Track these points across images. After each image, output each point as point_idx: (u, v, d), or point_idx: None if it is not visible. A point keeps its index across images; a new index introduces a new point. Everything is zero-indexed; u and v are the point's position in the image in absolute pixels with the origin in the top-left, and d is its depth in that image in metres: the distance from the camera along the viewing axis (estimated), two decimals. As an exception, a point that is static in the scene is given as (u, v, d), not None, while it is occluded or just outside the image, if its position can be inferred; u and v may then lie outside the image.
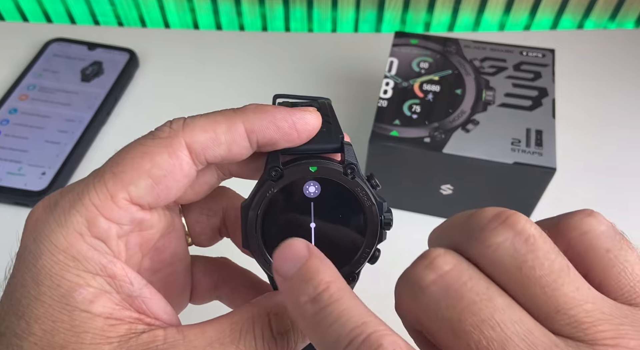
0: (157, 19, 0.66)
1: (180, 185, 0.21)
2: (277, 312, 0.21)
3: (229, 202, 0.26)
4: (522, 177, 0.42)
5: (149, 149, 0.20)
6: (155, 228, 0.23)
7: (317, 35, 0.65)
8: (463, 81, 0.46)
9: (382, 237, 0.23)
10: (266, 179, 0.22)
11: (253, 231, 0.22)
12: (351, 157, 0.22)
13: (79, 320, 0.19)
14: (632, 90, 0.59)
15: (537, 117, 0.44)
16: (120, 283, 0.20)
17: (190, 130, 0.21)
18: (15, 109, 0.53)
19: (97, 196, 0.20)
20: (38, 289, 0.19)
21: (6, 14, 0.65)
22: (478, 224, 0.17)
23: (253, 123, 0.21)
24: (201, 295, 0.27)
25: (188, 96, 0.57)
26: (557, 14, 0.65)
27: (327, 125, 0.23)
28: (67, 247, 0.19)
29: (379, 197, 0.22)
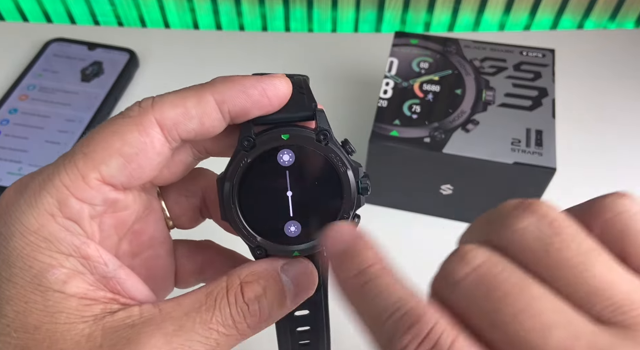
0: (157, 19, 0.66)
1: (153, 164, 0.21)
2: (248, 280, 0.21)
3: (208, 182, 0.26)
4: (522, 177, 0.42)
5: (119, 128, 0.20)
6: (130, 209, 0.22)
7: (317, 35, 0.65)
8: (463, 81, 0.46)
9: (360, 203, 0.22)
10: (239, 149, 0.22)
11: (230, 202, 0.22)
12: (324, 123, 0.22)
13: (52, 300, 0.19)
14: (632, 90, 0.59)
15: (537, 117, 0.44)
16: (94, 264, 0.20)
17: (160, 106, 0.21)
18: (15, 109, 0.53)
19: (68, 176, 0.20)
20: (10, 270, 0.19)
21: (6, 14, 0.65)
22: (502, 214, 0.17)
23: (223, 93, 0.21)
24: (186, 278, 0.27)
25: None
26: (557, 14, 0.65)
27: (300, 95, 0.22)
28: (39, 228, 0.19)
29: (355, 162, 0.22)
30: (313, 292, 0.23)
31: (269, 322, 0.21)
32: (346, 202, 0.22)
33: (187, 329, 0.19)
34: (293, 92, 0.22)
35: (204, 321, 0.20)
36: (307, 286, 0.23)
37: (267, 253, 0.22)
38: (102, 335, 0.19)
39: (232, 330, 0.20)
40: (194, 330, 0.19)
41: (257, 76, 0.22)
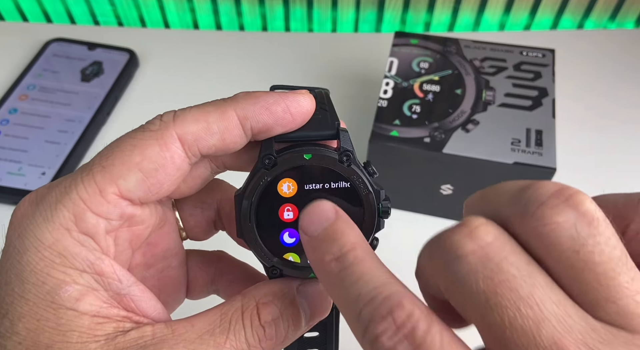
0: (157, 19, 0.66)
1: (172, 179, 0.20)
2: (265, 302, 0.21)
3: (223, 194, 0.26)
4: (522, 177, 0.41)
5: (139, 142, 0.20)
6: (146, 223, 0.22)
7: (317, 35, 0.65)
8: (463, 81, 0.46)
9: (379, 226, 0.22)
10: (260, 167, 0.21)
11: (247, 220, 0.21)
12: (347, 144, 0.21)
13: (64, 318, 0.18)
14: (632, 90, 0.59)
15: (537, 117, 0.44)
16: (108, 280, 0.19)
17: (181, 121, 0.20)
18: (15, 109, 0.53)
19: (85, 190, 0.19)
20: (22, 286, 0.18)
21: (6, 14, 0.65)
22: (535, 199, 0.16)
23: (245, 109, 0.20)
24: (198, 290, 0.27)
25: (188, 96, 0.57)
26: (557, 14, 0.65)
27: (322, 112, 0.22)
28: (53, 243, 0.19)
29: (376, 184, 0.22)
30: (327, 314, 0.23)
31: (282, 346, 0.21)
32: (366, 225, 0.22)
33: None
34: (315, 108, 0.22)
35: (218, 345, 0.19)
36: (322, 308, 0.22)
37: (282, 273, 0.22)
38: None
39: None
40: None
41: (280, 92, 0.21)
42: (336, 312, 0.24)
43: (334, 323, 0.24)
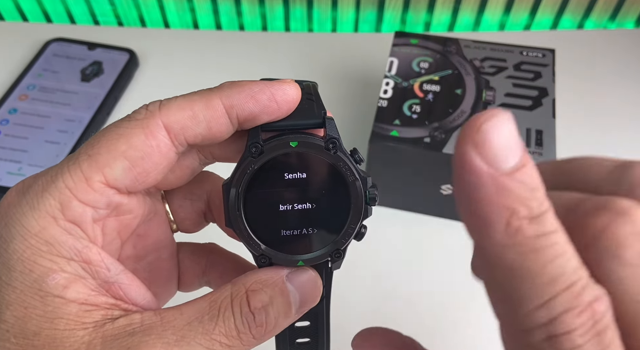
0: (157, 19, 0.66)
1: (159, 168, 0.21)
2: (254, 288, 0.21)
3: (213, 186, 0.26)
4: (522, 177, 0.42)
5: (125, 131, 0.20)
6: (134, 213, 0.22)
7: (317, 35, 0.65)
8: (463, 81, 0.46)
9: (367, 213, 0.22)
10: (247, 155, 0.21)
11: (235, 209, 0.21)
12: (333, 131, 0.21)
13: (52, 306, 0.18)
14: (632, 90, 0.59)
15: (537, 117, 0.44)
16: (95, 268, 0.19)
17: (167, 110, 0.20)
18: (15, 109, 0.53)
19: (71, 179, 0.19)
20: (9, 274, 0.18)
21: (6, 14, 0.65)
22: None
23: (231, 98, 0.21)
24: (189, 282, 0.27)
25: (188, 96, 0.57)
26: (557, 14, 0.65)
27: (309, 102, 0.22)
28: (40, 231, 0.19)
29: (363, 172, 0.22)
30: (317, 302, 0.23)
31: (272, 333, 0.21)
32: (354, 212, 0.22)
33: (188, 339, 0.19)
34: (302, 99, 0.22)
35: (207, 331, 0.19)
36: (312, 296, 0.22)
37: (271, 262, 0.22)
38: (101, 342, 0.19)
39: (235, 341, 0.20)
40: (195, 341, 0.19)
41: (266, 81, 0.21)
42: (327, 301, 0.24)
43: (324, 312, 0.24)
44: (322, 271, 0.23)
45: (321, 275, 0.23)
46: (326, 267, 0.23)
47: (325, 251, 0.22)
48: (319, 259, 0.22)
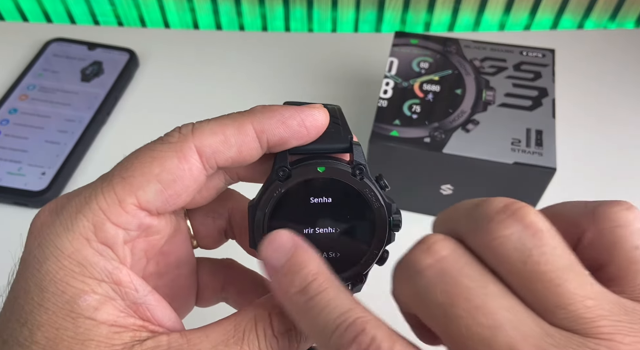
0: (157, 19, 0.66)
1: (189, 191, 0.21)
2: (278, 311, 0.21)
3: (234, 204, 0.26)
4: (522, 177, 0.42)
5: (159, 154, 0.20)
6: (161, 233, 0.22)
7: (317, 35, 0.65)
8: (463, 81, 0.46)
9: (390, 239, 0.22)
10: (274, 179, 0.22)
11: (260, 231, 0.22)
12: (360, 157, 0.22)
13: (83, 327, 0.19)
14: (632, 91, 0.59)
15: (537, 117, 0.44)
16: (125, 290, 0.20)
17: (200, 134, 0.20)
18: (15, 109, 0.53)
19: (105, 201, 0.19)
20: (42, 295, 0.19)
21: (6, 14, 0.65)
22: (485, 215, 0.17)
23: (262, 123, 0.21)
24: (207, 297, 0.27)
25: (188, 96, 0.57)
26: (557, 14, 0.65)
27: (335, 126, 0.22)
28: (73, 252, 0.19)
29: (388, 198, 0.22)
30: None
31: None
32: (377, 238, 0.22)
33: None
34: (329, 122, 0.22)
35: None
36: None
37: None
38: None
39: None
40: None
41: (296, 107, 0.22)
42: None
43: None
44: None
45: None
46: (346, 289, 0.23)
47: (347, 275, 0.22)
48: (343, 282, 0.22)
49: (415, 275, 0.17)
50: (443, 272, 0.16)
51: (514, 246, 0.16)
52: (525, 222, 0.16)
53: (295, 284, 0.18)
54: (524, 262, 0.16)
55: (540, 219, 0.17)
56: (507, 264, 0.16)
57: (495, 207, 0.17)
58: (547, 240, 0.16)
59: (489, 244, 0.17)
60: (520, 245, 0.16)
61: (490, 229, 0.17)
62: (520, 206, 0.17)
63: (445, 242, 0.17)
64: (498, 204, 0.17)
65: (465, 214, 0.18)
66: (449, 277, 0.16)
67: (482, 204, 0.18)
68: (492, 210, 0.17)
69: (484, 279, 0.16)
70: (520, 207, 0.17)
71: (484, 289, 0.16)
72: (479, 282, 0.16)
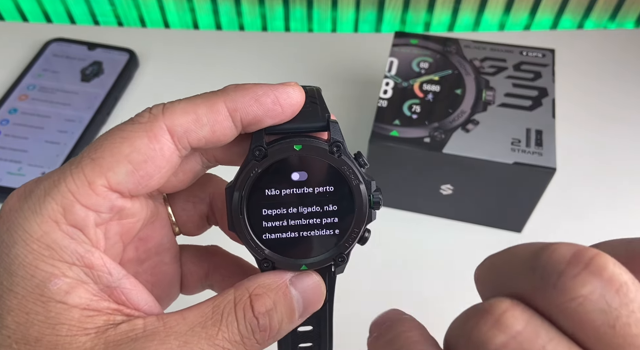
0: (157, 19, 0.66)
1: (162, 172, 0.20)
2: (258, 293, 0.20)
3: (215, 188, 0.25)
4: (522, 177, 0.42)
5: (128, 134, 0.20)
6: (136, 217, 0.22)
7: (317, 35, 0.65)
8: (463, 81, 0.46)
9: (371, 217, 0.22)
10: (250, 159, 0.21)
11: (238, 213, 0.21)
12: (337, 135, 0.21)
13: (54, 311, 0.18)
14: (632, 90, 0.59)
15: (537, 117, 0.44)
16: (98, 273, 0.19)
17: (171, 113, 0.20)
18: (15, 109, 0.53)
19: (74, 182, 0.19)
20: (11, 279, 0.18)
21: (6, 14, 0.65)
22: (552, 268, 0.14)
23: (235, 101, 0.20)
24: (192, 285, 0.27)
25: (188, 96, 0.57)
26: (557, 14, 0.65)
27: (313, 105, 0.22)
28: (42, 236, 0.19)
29: (367, 175, 0.22)
30: (321, 306, 0.22)
31: (276, 338, 0.21)
32: (357, 216, 0.22)
33: (191, 345, 0.19)
34: (306, 102, 0.22)
35: (210, 337, 0.19)
36: (315, 301, 0.22)
37: (275, 266, 0.22)
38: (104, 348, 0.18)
39: (239, 346, 0.19)
40: (198, 347, 0.19)
41: (270, 84, 0.21)
42: (329, 305, 0.24)
43: (327, 317, 0.24)
44: (326, 275, 0.23)
45: (324, 279, 0.23)
46: (329, 272, 0.23)
47: (328, 255, 0.22)
48: (322, 263, 0.22)
49: None
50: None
51: (597, 307, 0.14)
52: (605, 275, 0.14)
53: (386, 336, 0.18)
54: (612, 326, 0.14)
55: (620, 268, 0.14)
56: (591, 329, 0.14)
57: (564, 257, 0.14)
58: (634, 295, 0.14)
59: (563, 306, 0.14)
60: (606, 306, 0.14)
61: (564, 288, 0.14)
62: (594, 254, 0.14)
63: (517, 311, 0.15)
64: (565, 252, 0.15)
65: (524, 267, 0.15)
66: None
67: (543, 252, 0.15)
68: (560, 262, 0.14)
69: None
70: (594, 256, 0.14)
71: None
72: None
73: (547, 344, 0.14)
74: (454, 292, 0.42)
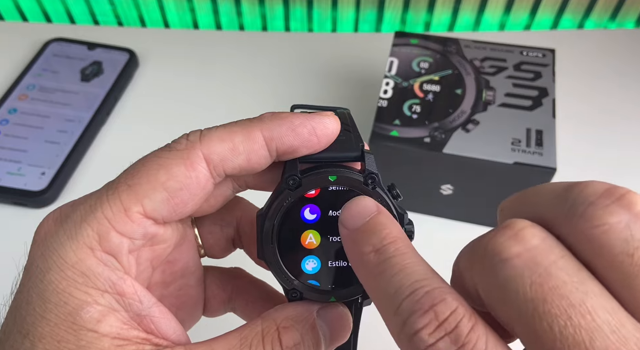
0: (157, 19, 0.66)
1: (196, 199, 0.20)
2: (286, 326, 0.20)
3: (243, 212, 0.25)
4: (522, 177, 0.42)
5: (166, 161, 0.20)
6: (167, 242, 0.22)
7: (317, 35, 0.65)
8: (463, 81, 0.46)
9: None
10: (284, 187, 0.21)
11: (269, 241, 0.21)
12: (372, 166, 0.21)
13: (85, 340, 0.18)
14: (632, 90, 0.59)
15: (537, 117, 0.43)
16: (129, 301, 0.19)
17: (208, 141, 0.20)
18: (14, 109, 0.53)
19: (111, 209, 0.19)
20: (44, 306, 0.18)
21: (6, 14, 0.65)
22: (584, 199, 0.15)
23: (271, 130, 0.20)
24: (215, 307, 0.26)
25: (188, 96, 0.57)
26: (557, 14, 0.65)
27: (346, 133, 0.22)
28: (76, 262, 0.19)
29: (400, 208, 0.22)
30: (347, 339, 0.22)
31: None
32: None
33: None
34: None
35: None
36: (342, 333, 0.22)
37: (302, 296, 0.22)
38: None
39: None
40: None
41: (306, 114, 0.21)
42: (354, 337, 0.23)
43: (351, 347, 0.24)
44: (352, 307, 0.23)
45: (351, 310, 0.22)
46: (356, 303, 0.23)
47: (357, 288, 0.22)
48: (350, 295, 0.22)
49: (498, 264, 0.15)
50: (535, 263, 0.14)
51: (620, 236, 0.14)
52: (634, 210, 0.14)
53: (371, 243, 0.17)
54: (630, 254, 0.14)
55: None
56: (610, 255, 0.14)
57: (596, 191, 0.15)
58: None
59: (587, 231, 0.14)
60: (629, 236, 0.14)
61: (592, 215, 0.14)
62: (627, 191, 0.15)
63: (536, 229, 0.15)
64: (599, 186, 0.15)
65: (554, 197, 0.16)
66: (542, 269, 0.14)
67: (576, 186, 0.15)
68: (592, 194, 0.15)
69: (581, 274, 0.14)
70: (627, 192, 0.15)
71: (582, 286, 0.14)
72: (576, 277, 0.14)
73: (558, 260, 0.14)
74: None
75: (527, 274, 0.14)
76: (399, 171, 0.44)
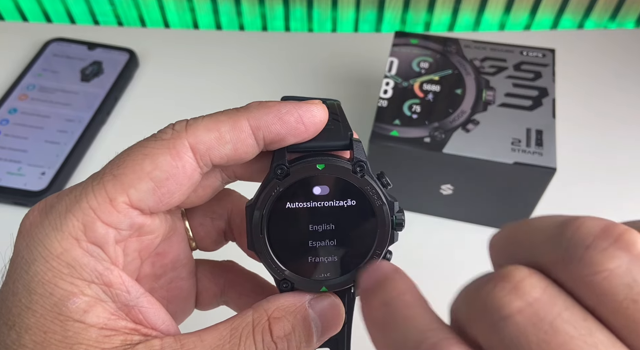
0: (157, 19, 0.66)
1: (183, 189, 0.20)
2: (277, 316, 0.20)
3: (234, 204, 0.25)
4: (522, 177, 0.42)
5: (151, 151, 0.20)
6: (155, 233, 0.22)
7: (317, 35, 0.65)
8: (463, 81, 0.46)
9: (393, 238, 0.21)
10: (272, 177, 0.21)
11: (258, 232, 0.21)
12: (360, 154, 0.21)
13: (72, 330, 0.18)
14: (632, 90, 0.59)
15: (537, 117, 0.43)
16: (116, 291, 0.19)
17: (194, 130, 0.20)
18: (14, 109, 0.53)
19: (96, 199, 0.19)
20: (30, 297, 0.18)
21: (6, 14, 0.65)
22: (579, 241, 0.14)
23: (258, 119, 0.20)
24: (207, 300, 0.26)
25: (188, 96, 0.57)
26: (558, 14, 0.65)
27: (335, 123, 0.22)
28: (62, 253, 0.18)
29: (390, 196, 0.21)
30: (339, 329, 0.22)
31: None
32: (380, 238, 0.21)
33: None
34: (328, 119, 0.21)
35: None
36: (334, 324, 0.22)
37: (294, 287, 0.22)
38: None
39: None
40: None
41: (294, 102, 0.21)
42: (348, 327, 0.23)
43: (345, 338, 0.23)
44: (345, 297, 0.22)
45: (343, 301, 0.22)
46: (349, 293, 0.22)
47: (349, 277, 0.22)
48: (343, 285, 0.22)
49: (501, 322, 0.14)
50: (539, 319, 0.14)
51: (622, 282, 0.13)
52: (634, 251, 0.14)
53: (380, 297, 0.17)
54: (634, 300, 0.13)
55: None
56: (613, 303, 0.13)
57: (591, 231, 0.14)
58: None
59: (587, 279, 0.14)
60: (631, 281, 0.13)
61: (590, 261, 0.14)
62: (624, 230, 0.14)
63: (534, 279, 0.14)
64: (594, 226, 0.14)
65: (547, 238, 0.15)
66: (547, 325, 0.14)
67: (570, 225, 0.14)
68: (588, 235, 0.14)
69: (588, 325, 0.14)
70: (624, 231, 0.14)
71: (590, 338, 0.13)
72: (583, 329, 0.13)
73: (563, 312, 0.14)
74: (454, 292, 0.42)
75: (532, 332, 0.14)
76: (399, 171, 0.44)
